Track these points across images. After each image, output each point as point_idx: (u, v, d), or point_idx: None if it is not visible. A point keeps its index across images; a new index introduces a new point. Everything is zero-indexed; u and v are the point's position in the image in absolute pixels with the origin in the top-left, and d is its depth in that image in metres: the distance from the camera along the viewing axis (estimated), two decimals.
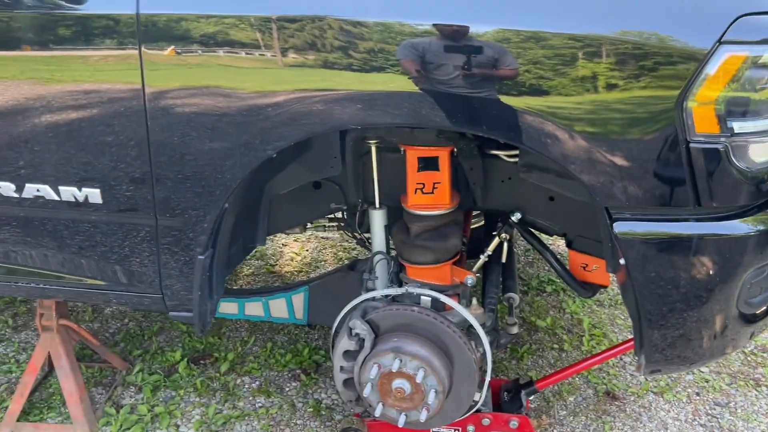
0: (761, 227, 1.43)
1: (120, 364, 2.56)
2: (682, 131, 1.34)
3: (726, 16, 1.27)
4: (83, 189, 1.63)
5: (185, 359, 2.62)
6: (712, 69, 1.29)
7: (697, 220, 1.43)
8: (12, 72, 1.56)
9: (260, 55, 1.45)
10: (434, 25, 1.36)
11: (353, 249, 3.66)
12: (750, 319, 1.57)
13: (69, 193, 1.64)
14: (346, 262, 3.16)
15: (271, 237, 3.82)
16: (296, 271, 3.45)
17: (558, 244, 3.55)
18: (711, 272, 1.45)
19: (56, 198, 1.65)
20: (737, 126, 1.33)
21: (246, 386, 2.51)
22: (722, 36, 1.27)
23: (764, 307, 1.59)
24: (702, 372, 2.59)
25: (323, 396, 2.45)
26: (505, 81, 1.37)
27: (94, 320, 2.96)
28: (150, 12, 1.46)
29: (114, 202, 1.63)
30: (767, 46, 1.29)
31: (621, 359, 2.66)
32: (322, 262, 3.53)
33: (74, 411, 2.20)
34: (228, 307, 2.30)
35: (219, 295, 1.81)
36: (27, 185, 1.65)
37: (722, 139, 1.34)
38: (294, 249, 3.69)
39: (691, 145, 1.34)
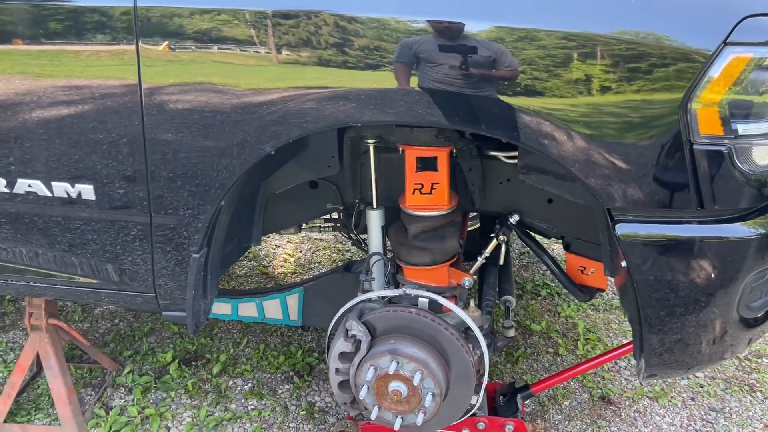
0: (762, 230, 1.42)
1: (110, 364, 2.52)
2: (686, 133, 1.32)
3: (731, 17, 1.26)
4: (76, 185, 1.60)
5: (176, 360, 2.58)
6: (716, 71, 1.28)
7: (699, 222, 1.41)
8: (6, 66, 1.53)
9: (255, 51, 1.43)
10: (428, 21, 1.35)
11: (347, 250, 3.64)
12: (750, 324, 1.56)
13: (61, 188, 1.61)
14: (340, 263, 3.13)
15: (265, 238, 3.79)
16: (290, 272, 3.42)
17: (556, 247, 3.54)
18: (712, 275, 1.44)
19: (48, 194, 1.62)
20: (741, 128, 1.32)
21: (238, 388, 2.47)
22: (727, 37, 1.26)
23: (763, 311, 1.58)
24: (697, 377, 2.59)
25: (316, 398, 2.42)
26: (504, 81, 1.35)
27: (84, 320, 2.92)
28: (148, 5, 1.43)
29: (107, 199, 1.60)
30: None
31: (616, 363, 2.65)
32: (316, 264, 3.50)
33: (63, 412, 2.16)
34: (221, 308, 2.27)
35: (213, 295, 1.78)
36: (19, 180, 1.62)
37: (726, 141, 1.33)
38: (287, 250, 3.66)
39: (695, 147, 1.33)
